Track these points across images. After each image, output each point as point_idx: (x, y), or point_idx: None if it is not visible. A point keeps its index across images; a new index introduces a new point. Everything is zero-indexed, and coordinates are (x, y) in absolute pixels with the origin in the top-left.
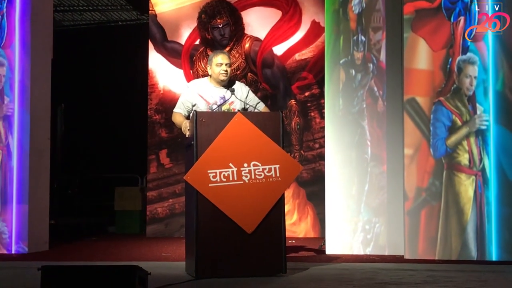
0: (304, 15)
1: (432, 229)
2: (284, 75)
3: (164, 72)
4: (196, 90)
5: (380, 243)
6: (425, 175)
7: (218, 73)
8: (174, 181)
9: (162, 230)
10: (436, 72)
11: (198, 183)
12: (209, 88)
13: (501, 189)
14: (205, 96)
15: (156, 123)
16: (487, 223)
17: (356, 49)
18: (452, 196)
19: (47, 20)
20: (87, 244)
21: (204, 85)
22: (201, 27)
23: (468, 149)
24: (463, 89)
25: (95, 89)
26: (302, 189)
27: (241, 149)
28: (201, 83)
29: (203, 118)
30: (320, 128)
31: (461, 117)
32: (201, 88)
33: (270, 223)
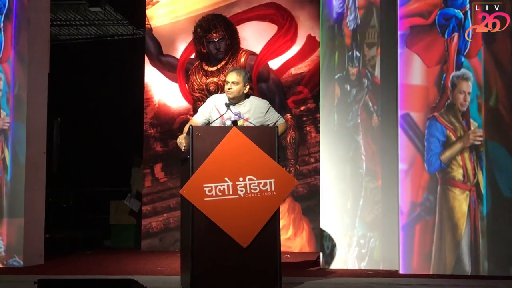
0: (299, 30)
1: (426, 244)
2: (280, 89)
3: (159, 86)
4: (215, 103)
5: (375, 258)
6: (419, 190)
7: (226, 91)
8: (169, 195)
9: (157, 244)
10: (430, 87)
11: (193, 197)
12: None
13: (494, 204)
14: (221, 110)
15: (151, 137)
16: (481, 238)
17: (351, 65)
18: (447, 211)
19: (44, 35)
20: (83, 258)
21: (222, 100)
22: (197, 41)
23: (462, 164)
24: (457, 105)
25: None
26: (297, 204)
27: (236, 163)
28: (221, 98)
29: (199, 132)
30: (316, 143)
31: (455, 132)
32: (219, 102)
33: (265, 237)
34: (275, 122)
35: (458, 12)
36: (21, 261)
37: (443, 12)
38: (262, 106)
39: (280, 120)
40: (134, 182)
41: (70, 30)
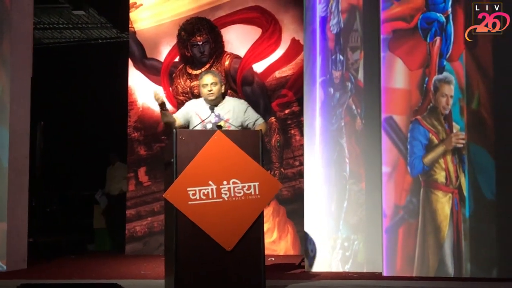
0: (284, 33)
1: (410, 246)
2: (264, 93)
3: (143, 90)
4: (194, 108)
5: (359, 260)
6: (402, 193)
7: (206, 94)
8: (153, 199)
9: (141, 248)
10: (413, 91)
11: (177, 201)
12: (205, 106)
13: (477, 207)
14: (201, 114)
15: (135, 140)
16: (464, 240)
17: (334, 68)
18: (429, 214)
19: (27, 38)
20: (66, 262)
21: (200, 104)
22: (181, 44)
23: (445, 167)
24: (440, 108)
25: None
26: (282, 207)
27: (220, 167)
28: (198, 102)
29: (183, 136)
30: (300, 146)
31: (438, 135)
32: (198, 107)
33: (249, 240)
34: (254, 121)
35: (440, 16)
36: (4, 266)
37: (425, 16)
38: (240, 106)
39: (260, 120)
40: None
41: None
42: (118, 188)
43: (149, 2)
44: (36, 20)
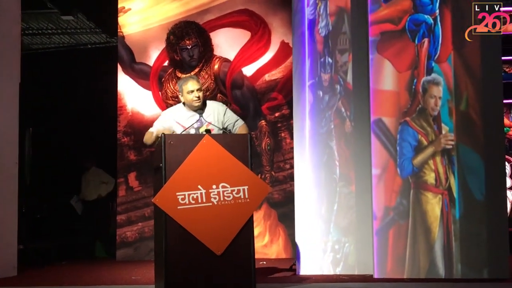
0: (273, 36)
1: (400, 248)
2: (254, 96)
3: (132, 94)
4: (172, 117)
5: (350, 263)
6: (392, 195)
7: (192, 100)
8: (143, 204)
9: (132, 254)
10: (402, 93)
11: (166, 206)
12: (185, 113)
13: (467, 207)
14: (181, 121)
15: (124, 145)
16: (454, 241)
17: (323, 71)
18: (420, 215)
19: (14, 44)
20: (57, 269)
21: (179, 112)
22: (170, 48)
23: (434, 168)
24: (428, 110)
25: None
26: (273, 210)
27: (209, 171)
28: (176, 109)
29: (171, 140)
30: (291, 149)
31: (427, 137)
32: (177, 114)
33: (239, 244)
34: (234, 122)
35: (428, 18)
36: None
37: (413, 18)
38: (220, 108)
39: (240, 122)
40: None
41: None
42: (95, 193)
43: (137, 7)
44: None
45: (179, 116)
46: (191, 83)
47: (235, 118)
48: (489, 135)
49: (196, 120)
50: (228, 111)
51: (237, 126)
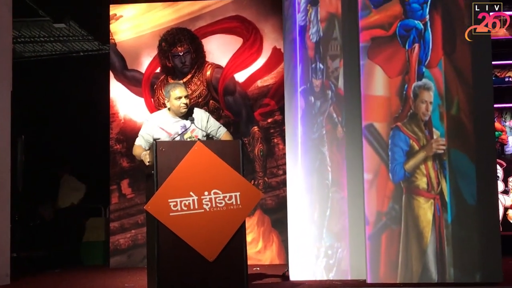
0: (265, 42)
1: (393, 252)
2: (246, 102)
3: (124, 101)
4: (156, 123)
5: (343, 268)
6: (385, 200)
7: (179, 106)
8: (136, 211)
9: (125, 261)
10: (393, 98)
11: (158, 213)
12: (169, 119)
13: (458, 212)
14: (166, 128)
15: (117, 152)
16: (447, 246)
17: (314, 77)
18: (412, 220)
19: (6, 53)
20: (51, 277)
21: (164, 117)
22: (162, 55)
23: (426, 173)
24: (419, 115)
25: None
26: (266, 217)
27: (201, 177)
28: (160, 115)
29: (163, 147)
30: (284, 155)
31: (418, 141)
32: (161, 120)
33: (231, 250)
34: (217, 129)
35: (418, 23)
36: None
37: (403, 23)
38: (203, 115)
39: (222, 129)
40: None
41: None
42: (68, 201)
43: (129, 14)
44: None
45: (163, 122)
46: (179, 90)
47: (218, 125)
48: (480, 139)
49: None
50: (211, 118)
51: (221, 133)
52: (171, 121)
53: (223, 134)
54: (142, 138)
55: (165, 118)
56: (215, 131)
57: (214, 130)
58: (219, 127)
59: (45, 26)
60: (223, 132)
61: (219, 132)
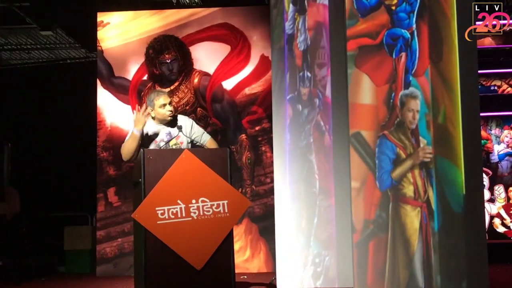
0: (253, 50)
1: (380, 260)
2: (234, 110)
3: (111, 109)
4: None
5: (330, 276)
6: (372, 207)
7: (164, 114)
8: (123, 219)
9: (112, 270)
10: (380, 106)
11: (146, 221)
12: (154, 127)
13: (445, 220)
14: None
15: (103, 160)
16: (433, 254)
17: (302, 85)
18: (399, 228)
19: None
20: (37, 285)
21: (148, 126)
22: (149, 62)
23: (413, 181)
24: (406, 123)
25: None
26: (254, 225)
27: (189, 185)
28: None
29: (150, 155)
30: (271, 163)
31: (405, 150)
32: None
33: (219, 259)
34: (201, 135)
35: (405, 32)
36: None
37: (390, 32)
38: (187, 122)
39: (206, 135)
40: None
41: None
42: None
43: (116, 21)
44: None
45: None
46: (163, 98)
47: (201, 131)
48: (467, 147)
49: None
50: (195, 124)
51: (205, 139)
52: (155, 129)
53: (208, 141)
54: None
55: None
56: (200, 137)
57: (198, 136)
58: (203, 133)
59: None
60: (207, 139)
61: (203, 138)
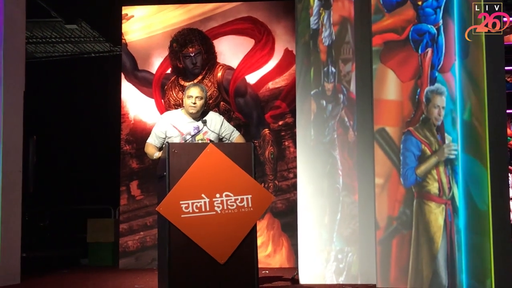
0: (277, 44)
1: (403, 257)
2: (257, 104)
3: (135, 102)
4: (170, 121)
5: (353, 272)
6: (395, 204)
7: (188, 105)
8: (145, 213)
9: (133, 263)
10: (405, 102)
11: (170, 214)
12: (183, 119)
13: (470, 217)
14: (178, 126)
15: (126, 153)
16: (457, 251)
17: (326, 80)
18: (423, 225)
19: (19, 53)
20: (59, 277)
21: (178, 116)
22: (173, 55)
23: (438, 178)
24: (432, 119)
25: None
26: (276, 220)
27: (213, 179)
28: (175, 114)
29: (175, 149)
30: (294, 158)
31: (430, 146)
32: (175, 118)
33: (242, 253)
34: (231, 133)
35: (432, 28)
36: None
37: (416, 27)
38: (217, 119)
39: (235, 133)
40: None
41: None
42: None
43: (140, 14)
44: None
45: (176, 121)
46: (193, 89)
47: (231, 129)
48: (492, 144)
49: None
50: (225, 122)
51: (234, 136)
52: (184, 121)
53: (236, 137)
54: (154, 135)
55: (179, 117)
56: (229, 134)
57: (228, 133)
58: (232, 130)
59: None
60: (236, 136)
61: (232, 135)
